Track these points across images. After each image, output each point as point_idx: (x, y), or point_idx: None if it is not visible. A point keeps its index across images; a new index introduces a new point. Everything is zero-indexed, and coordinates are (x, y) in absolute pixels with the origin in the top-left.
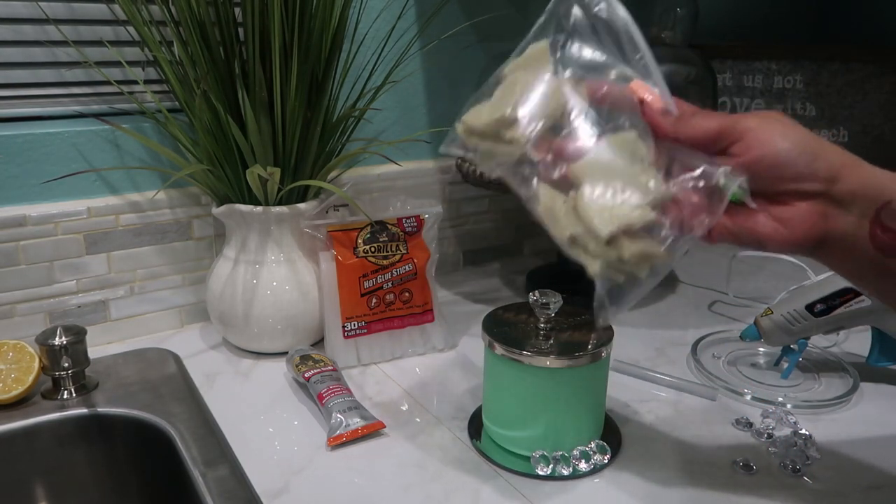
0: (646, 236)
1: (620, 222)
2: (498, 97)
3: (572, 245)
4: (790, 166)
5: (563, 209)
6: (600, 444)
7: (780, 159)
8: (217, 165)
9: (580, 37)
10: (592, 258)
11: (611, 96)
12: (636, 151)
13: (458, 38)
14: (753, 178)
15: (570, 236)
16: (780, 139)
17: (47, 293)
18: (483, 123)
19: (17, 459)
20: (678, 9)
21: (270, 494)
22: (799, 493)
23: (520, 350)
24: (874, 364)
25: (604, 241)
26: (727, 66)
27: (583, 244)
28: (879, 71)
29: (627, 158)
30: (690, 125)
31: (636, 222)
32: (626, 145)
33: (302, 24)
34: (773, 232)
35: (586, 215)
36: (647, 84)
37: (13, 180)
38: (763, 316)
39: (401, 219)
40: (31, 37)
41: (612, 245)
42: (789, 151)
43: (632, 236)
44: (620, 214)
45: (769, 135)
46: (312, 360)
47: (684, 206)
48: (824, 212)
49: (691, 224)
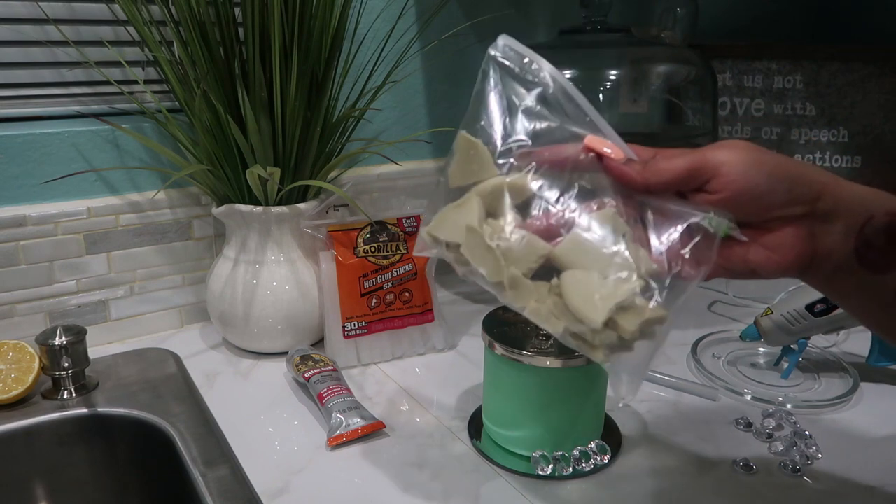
0: (641, 304)
1: (610, 304)
2: (454, 217)
3: (570, 338)
4: (771, 196)
5: (551, 303)
6: (600, 445)
7: (761, 190)
8: (217, 165)
9: (516, 106)
10: (593, 348)
11: (567, 159)
12: (617, 227)
13: (458, 38)
14: (735, 212)
15: (565, 330)
16: (756, 170)
17: (47, 293)
18: (448, 240)
19: (17, 459)
20: (678, 9)
21: (270, 494)
22: (799, 493)
23: (520, 350)
24: (874, 364)
25: (600, 329)
26: (727, 66)
27: (580, 336)
28: (879, 71)
29: (608, 236)
30: (659, 170)
31: (627, 297)
32: (605, 221)
33: (302, 24)
34: (766, 260)
35: (574, 307)
36: (599, 137)
37: (13, 180)
38: (763, 316)
39: (401, 219)
40: (31, 37)
41: (610, 327)
42: (768, 180)
43: (626, 310)
44: (608, 295)
45: (744, 167)
46: (312, 360)
47: (675, 264)
48: (811, 231)
49: (687, 277)
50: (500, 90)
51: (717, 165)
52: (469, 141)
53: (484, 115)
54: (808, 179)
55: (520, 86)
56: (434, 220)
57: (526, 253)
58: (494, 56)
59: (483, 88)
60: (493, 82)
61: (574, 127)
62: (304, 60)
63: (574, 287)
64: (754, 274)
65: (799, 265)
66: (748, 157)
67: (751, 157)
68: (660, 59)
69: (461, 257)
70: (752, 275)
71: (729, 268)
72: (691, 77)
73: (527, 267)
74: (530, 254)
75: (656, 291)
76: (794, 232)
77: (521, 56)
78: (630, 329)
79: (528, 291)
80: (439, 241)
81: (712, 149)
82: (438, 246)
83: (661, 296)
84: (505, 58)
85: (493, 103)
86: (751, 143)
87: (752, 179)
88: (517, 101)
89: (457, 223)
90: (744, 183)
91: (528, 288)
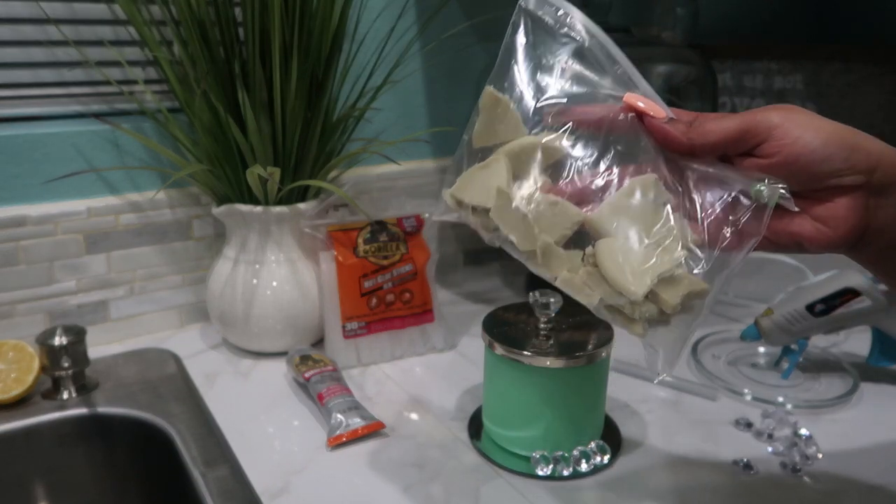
0: (684, 276)
1: (653, 275)
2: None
3: (605, 311)
4: (828, 163)
5: (584, 273)
6: (600, 445)
7: (817, 157)
8: (217, 165)
9: (548, 61)
10: (631, 322)
11: (604, 120)
12: (659, 194)
13: (458, 38)
14: (787, 179)
15: (600, 302)
16: (814, 135)
17: (47, 293)
18: (473, 203)
19: (17, 459)
20: (678, 9)
21: (270, 494)
22: (799, 493)
23: (520, 350)
24: (874, 364)
25: (641, 301)
26: (727, 66)
27: (617, 308)
28: (879, 71)
29: (649, 203)
30: (706, 131)
31: (671, 268)
32: (646, 188)
33: (302, 24)
34: (815, 232)
35: (613, 278)
36: (639, 95)
37: (13, 180)
38: (763, 316)
39: (401, 219)
40: (31, 37)
41: (650, 300)
42: (825, 147)
43: (668, 283)
44: (651, 266)
45: (800, 130)
46: (312, 360)
47: (722, 234)
48: (866, 204)
49: (733, 249)
50: (532, 44)
51: (771, 128)
52: (496, 98)
53: (513, 71)
54: (866, 148)
55: (552, 39)
56: (458, 181)
57: (559, 220)
58: (525, 7)
59: (512, 42)
60: (523, 35)
61: (612, 85)
62: (304, 60)
63: (612, 256)
64: (800, 248)
65: (850, 240)
66: (804, 120)
67: (806, 121)
68: (660, 59)
69: (488, 222)
70: (797, 248)
71: (774, 240)
72: (691, 77)
73: (559, 234)
74: (564, 221)
75: (703, 262)
76: (848, 203)
77: (554, 7)
78: (672, 302)
79: (560, 260)
80: (464, 204)
81: (765, 110)
82: (462, 209)
83: (705, 267)
84: (537, 9)
85: (523, 58)
86: (803, 108)
87: (808, 145)
88: (550, 56)
89: (483, 185)
90: (799, 148)
91: (560, 257)
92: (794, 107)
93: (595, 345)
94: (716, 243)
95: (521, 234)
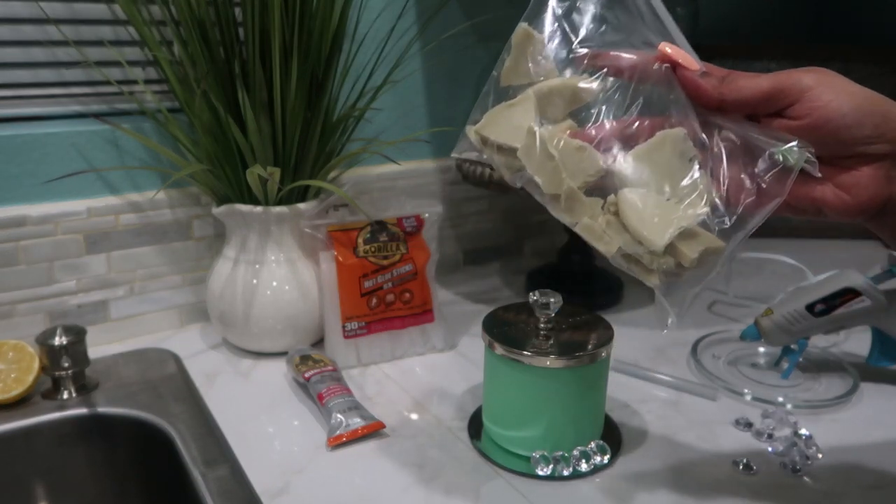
0: (704, 232)
1: (674, 228)
2: (507, 117)
3: (622, 259)
4: (858, 129)
5: (604, 221)
6: (600, 445)
7: (848, 122)
8: (217, 165)
9: (585, 2)
10: (648, 272)
11: (636, 67)
12: (686, 150)
13: (458, 38)
14: (813, 143)
15: (619, 251)
16: (847, 99)
17: (47, 293)
18: (500, 141)
19: (17, 459)
20: (678, 9)
21: (270, 494)
22: (799, 493)
23: (520, 350)
24: (874, 364)
25: (660, 252)
26: (727, 66)
27: (635, 257)
28: (879, 71)
29: (675, 157)
30: (738, 87)
31: (693, 222)
32: (674, 142)
33: (302, 24)
34: (836, 199)
35: (634, 228)
36: (674, 46)
37: (13, 180)
38: (763, 316)
39: (401, 219)
40: (31, 37)
41: (669, 252)
42: (857, 113)
43: (689, 237)
44: (673, 219)
45: (833, 94)
46: (312, 360)
47: (745, 193)
48: (889, 175)
49: (754, 209)
50: None
51: (804, 89)
52: (529, 35)
53: (548, 10)
54: (895, 117)
55: None
56: (485, 118)
57: (585, 166)
58: None
59: None
60: None
61: (647, 33)
62: (304, 60)
63: (634, 207)
64: (820, 213)
65: (871, 209)
66: (837, 84)
67: (840, 84)
68: None
69: (513, 162)
70: (816, 214)
71: (794, 205)
72: None
73: (583, 180)
74: (589, 167)
75: (726, 218)
76: (872, 172)
77: None
78: (691, 256)
79: (582, 206)
80: (489, 142)
81: (798, 72)
82: (486, 147)
83: (728, 224)
84: None
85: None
86: (838, 73)
87: (839, 109)
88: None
89: (511, 123)
90: (830, 112)
91: (582, 203)
92: (827, 70)
93: (595, 345)
94: (738, 202)
95: (548, 177)
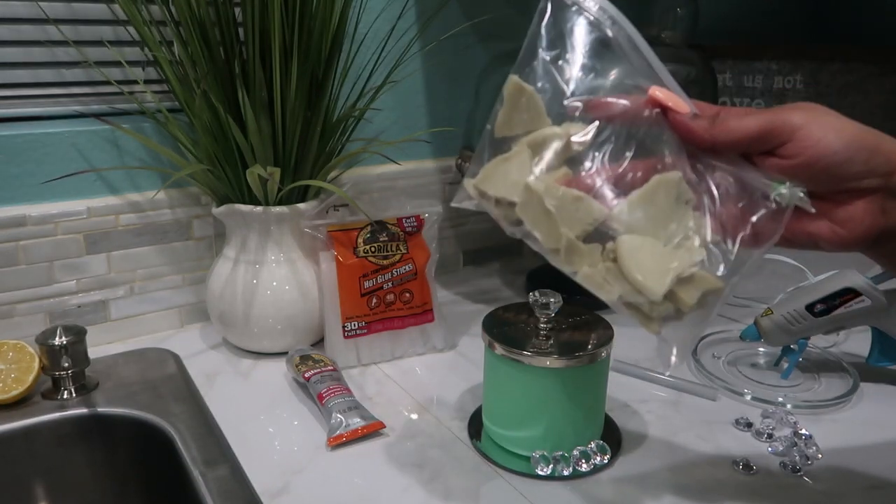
0: (701, 275)
1: (672, 275)
2: (504, 170)
3: (623, 307)
4: (849, 165)
5: (604, 268)
6: (600, 445)
7: (839, 159)
8: (217, 165)
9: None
10: (648, 319)
11: (628, 113)
12: (681, 193)
13: (458, 38)
14: (806, 180)
15: (619, 298)
16: (836, 137)
17: (47, 293)
18: (497, 195)
19: (17, 459)
20: (678, 9)
21: (270, 494)
22: (799, 493)
23: (520, 350)
24: (874, 364)
25: (659, 301)
26: (727, 66)
27: (635, 305)
28: (879, 71)
29: (671, 202)
30: (729, 129)
31: (689, 269)
32: (668, 186)
33: (302, 24)
34: (831, 233)
35: (633, 278)
36: (664, 89)
37: (13, 180)
38: (763, 316)
39: (401, 219)
40: (31, 37)
41: (668, 299)
42: (847, 150)
43: (686, 282)
44: (670, 267)
45: (822, 132)
46: (312, 360)
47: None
48: (882, 207)
49: (753, 251)
50: (557, 32)
51: (794, 129)
52: (520, 87)
53: (538, 60)
54: (885, 151)
55: (578, 28)
56: (482, 172)
57: (582, 215)
58: None
59: (537, 30)
60: (548, 23)
61: (637, 78)
62: (304, 60)
63: (632, 255)
64: (816, 247)
65: (865, 241)
66: (827, 122)
67: (829, 122)
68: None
69: (511, 214)
70: (813, 247)
71: (791, 239)
72: (691, 77)
73: (581, 230)
74: (586, 217)
75: (721, 265)
76: (865, 206)
77: None
78: (690, 302)
79: (581, 256)
80: (487, 195)
81: (788, 110)
82: (484, 200)
83: (725, 269)
84: None
85: (548, 47)
86: (827, 108)
87: (830, 147)
88: (575, 45)
89: (507, 178)
90: (821, 150)
91: (581, 252)
92: (817, 106)
93: (595, 345)
94: (734, 242)
95: (546, 231)
